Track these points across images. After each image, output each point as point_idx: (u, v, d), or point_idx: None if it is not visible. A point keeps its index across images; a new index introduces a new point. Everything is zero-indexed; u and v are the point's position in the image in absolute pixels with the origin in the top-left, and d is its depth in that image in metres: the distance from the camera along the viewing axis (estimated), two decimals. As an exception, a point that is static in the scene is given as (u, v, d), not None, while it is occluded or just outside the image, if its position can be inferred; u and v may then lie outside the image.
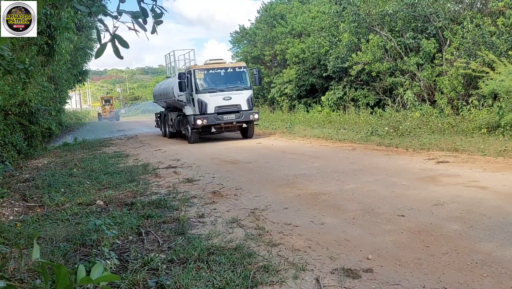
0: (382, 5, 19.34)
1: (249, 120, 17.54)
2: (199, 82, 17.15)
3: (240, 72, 17.95)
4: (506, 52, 14.32)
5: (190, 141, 17.68)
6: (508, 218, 5.19)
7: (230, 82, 17.60)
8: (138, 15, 2.13)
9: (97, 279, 1.18)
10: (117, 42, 2.12)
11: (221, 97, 17.10)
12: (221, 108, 17.07)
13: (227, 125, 17.42)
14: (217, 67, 17.70)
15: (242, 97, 17.39)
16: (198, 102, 16.94)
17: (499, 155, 9.41)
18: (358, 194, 6.88)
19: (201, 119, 16.83)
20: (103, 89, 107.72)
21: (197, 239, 4.97)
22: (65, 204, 7.13)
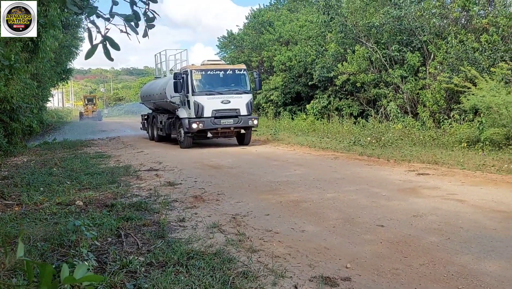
0: (369, 17, 19.57)
1: (247, 126, 16.68)
2: (196, 83, 16.19)
3: (240, 74, 17.03)
4: (488, 69, 14.58)
5: (183, 146, 16.72)
6: (484, 232, 5.27)
7: (229, 84, 16.71)
8: (130, 18, 2.13)
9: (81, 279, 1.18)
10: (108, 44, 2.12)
11: (219, 100, 16.16)
12: (219, 112, 16.11)
13: (224, 130, 16.45)
14: (216, 68, 16.74)
15: (242, 101, 16.49)
16: (194, 105, 15.96)
17: (478, 169, 9.56)
18: (339, 203, 6.93)
19: (196, 123, 15.81)
20: (87, 88, 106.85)
21: (177, 243, 4.96)
22: (43, 204, 7.04)
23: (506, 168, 9.31)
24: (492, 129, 11.88)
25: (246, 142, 17.21)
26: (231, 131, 16.69)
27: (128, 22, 2.13)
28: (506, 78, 13.76)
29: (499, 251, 4.63)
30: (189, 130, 15.99)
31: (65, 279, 1.18)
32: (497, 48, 15.08)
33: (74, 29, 25.93)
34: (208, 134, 16.29)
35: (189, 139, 16.51)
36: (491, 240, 4.98)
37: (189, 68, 16.52)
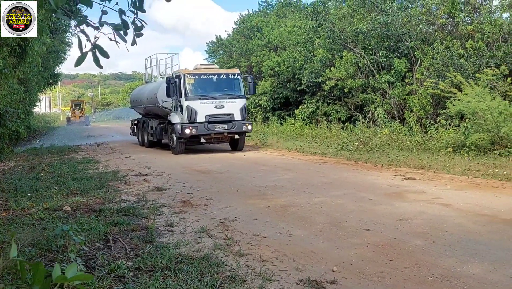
0: (357, 23, 19.77)
1: (241, 132, 16.28)
2: (189, 87, 15.83)
3: (234, 79, 16.70)
4: (473, 75, 14.79)
5: (175, 151, 16.25)
6: (468, 235, 5.36)
7: (222, 89, 16.35)
8: (119, 28, 2.18)
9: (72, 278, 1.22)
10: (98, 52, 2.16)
11: (213, 105, 15.80)
12: (212, 117, 15.75)
13: (217, 136, 16.07)
14: (209, 73, 16.41)
15: (235, 106, 16.15)
16: (187, 110, 15.59)
17: (463, 174, 9.69)
18: (326, 207, 7.00)
19: (189, 128, 15.43)
20: (74, 93, 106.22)
21: (165, 247, 4.98)
22: (31, 209, 7.01)
23: (491, 172, 9.45)
24: (477, 134, 12.05)
25: (239, 148, 16.84)
26: (225, 137, 16.35)
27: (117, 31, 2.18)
28: (491, 84, 13.99)
29: (482, 254, 4.71)
30: (181, 135, 15.63)
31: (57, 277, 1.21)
32: (482, 54, 15.33)
33: (62, 34, 25.85)
34: (201, 139, 15.95)
35: (181, 144, 16.12)
36: (474, 243, 5.07)
37: (181, 72, 16.21)
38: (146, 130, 20.31)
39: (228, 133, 16.11)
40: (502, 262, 4.48)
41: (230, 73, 16.83)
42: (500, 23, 15.43)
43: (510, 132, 11.38)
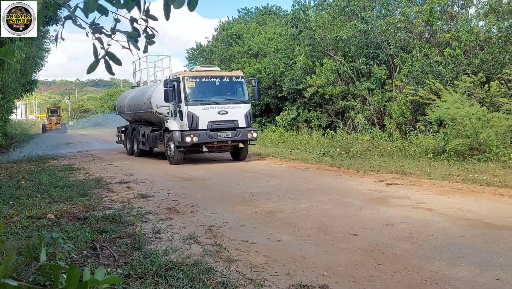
0: (337, 30, 20.00)
1: (246, 139, 15.01)
2: (189, 91, 14.43)
3: (237, 82, 15.35)
4: (451, 81, 15.08)
5: (173, 161, 14.89)
6: (453, 239, 5.46)
7: (225, 93, 15.05)
8: (134, 35, 2.21)
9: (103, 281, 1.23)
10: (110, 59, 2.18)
11: (216, 111, 14.46)
12: (215, 124, 14.39)
13: (220, 144, 14.70)
14: (211, 75, 14.99)
15: (240, 112, 14.86)
16: (188, 116, 14.20)
17: (444, 179, 9.86)
18: (312, 213, 7.04)
19: (190, 136, 14.01)
20: (51, 100, 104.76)
21: (154, 254, 4.95)
22: (14, 217, 6.90)
23: (471, 177, 9.63)
24: (456, 140, 12.27)
25: (242, 158, 15.52)
26: (228, 145, 15.01)
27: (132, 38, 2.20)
28: (469, 90, 14.29)
29: (468, 257, 4.80)
30: (181, 144, 14.29)
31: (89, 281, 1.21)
32: (459, 62, 15.65)
33: (40, 40, 25.53)
34: (203, 148, 14.57)
35: (180, 154, 14.75)
36: (460, 247, 5.16)
37: (181, 74, 14.79)
38: (136, 138, 18.77)
39: (232, 141, 14.80)
40: (488, 264, 4.57)
41: (234, 76, 15.46)
42: (477, 31, 15.79)
43: (488, 138, 11.63)
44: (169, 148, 15.10)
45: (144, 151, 17.97)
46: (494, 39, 15.40)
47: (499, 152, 11.43)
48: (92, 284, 1.24)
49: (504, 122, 12.18)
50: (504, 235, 5.62)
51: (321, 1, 23.92)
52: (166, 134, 15.36)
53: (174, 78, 14.85)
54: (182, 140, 14.16)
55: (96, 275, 1.27)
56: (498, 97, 13.71)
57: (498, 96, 13.72)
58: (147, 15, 2.28)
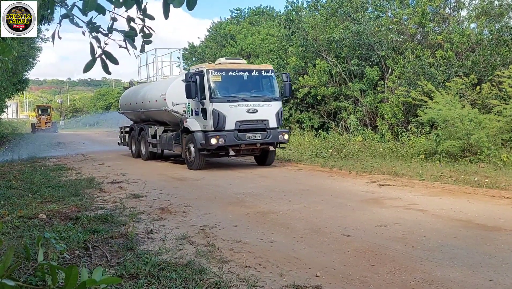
0: (329, 31, 20.05)
1: (277, 142, 13.38)
2: (215, 86, 12.74)
3: (268, 77, 13.70)
4: (443, 83, 15.17)
5: (193, 166, 13.20)
6: (446, 240, 5.49)
7: (254, 89, 13.48)
8: (131, 34, 2.20)
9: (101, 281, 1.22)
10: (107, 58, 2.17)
11: (245, 109, 12.81)
12: (244, 124, 12.78)
13: (248, 147, 13.05)
14: (239, 69, 13.32)
15: (271, 111, 13.22)
16: (213, 114, 12.52)
17: (436, 180, 9.91)
18: (305, 214, 7.05)
19: (216, 138, 12.38)
20: (42, 99, 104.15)
21: (147, 255, 4.93)
22: (5, 217, 6.85)
23: (463, 178, 9.69)
24: (448, 141, 12.35)
25: (269, 162, 13.86)
26: (257, 148, 13.34)
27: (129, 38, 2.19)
28: (461, 92, 14.37)
29: (460, 258, 4.83)
30: (205, 146, 12.63)
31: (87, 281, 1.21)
32: (451, 64, 15.74)
33: (31, 39, 25.40)
34: (230, 152, 12.92)
35: (202, 158, 13.10)
36: (452, 247, 5.19)
37: (204, 67, 13.13)
38: (144, 139, 16.92)
39: (261, 144, 13.15)
40: (480, 265, 4.60)
41: (263, 70, 13.73)
42: (469, 33, 15.89)
43: (479, 140, 11.70)
44: (189, 151, 13.43)
45: (154, 154, 16.46)
46: (486, 41, 15.52)
47: (491, 154, 11.51)
48: (91, 284, 1.23)
49: (495, 123, 12.28)
50: (496, 236, 5.66)
51: (314, 2, 24.00)
52: (184, 135, 13.73)
53: (197, 71, 13.14)
54: (206, 142, 12.51)
55: (94, 275, 1.26)
56: (489, 98, 13.81)
57: (490, 98, 13.82)
58: (144, 14, 2.28)
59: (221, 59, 14.08)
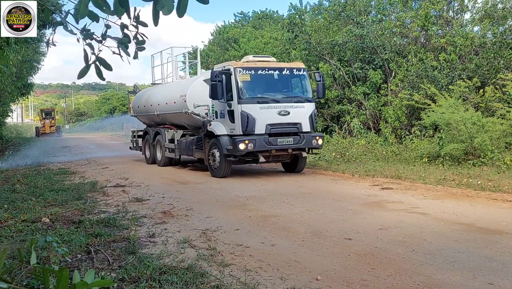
0: (333, 35, 20.07)
1: (310, 147, 12.42)
2: (243, 86, 11.68)
3: (299, 76, 12.65)
4: (446, 86, 15.15)
5: (218, 173, 12.16)
6: (447, 243, 5.49)
7: (285, 89, 12.49)
8: (124, 41, 2.23)
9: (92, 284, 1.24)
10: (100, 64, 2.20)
11: (276, 111, 11.75)
12: (275, 127, 11.74)
13: (279, 153, 12.01)
14: (268, 67, 12.21)
15: (304, 113, 12.15)
16: (242, 117, 11.46)
17: (439, 183, 9.89)
18: (307, 217, 7.06)
19: (245, 142, 11.32)
20: (47, 103, 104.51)
21: (148, 258, 4.95)
22: (8, 221, 6.89)
23: (466, 182, 9.67)
24: (451, 144, 12.32)
25: (299, 169, 12.85)
26: (288, 154, 12.29)
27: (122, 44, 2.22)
28: (464, 95, 14.36)
29: (461, 262, 4.82)
30: (232, 152, 11.60)
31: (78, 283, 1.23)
32: (455, 67, 15.72)
33: (36, 43, 25.53)
34: (260, 158, 11.76)
35: (228, 164, 12.05)
36: (453, 251, 5.19)
37: (231, 65, 12.06)
38: (160, 144, 15.84)
39: (293, 150, 12.11)
40: (481, 269, 4.60)
41: (295, 68, 12.64)
42: (472, 36, 15.87)
43: (483, 143, 11.68)
44: (213, 157, 12.34)
45: (171, 159, 15.45)
46: (489, 44, 15.49)
47: (494, 157, 11.48)
48: (82, 286, 1.25)
49: (498, 127, 12.24)
50: (498, 239, 5.65)
51: (317, 6, 24.04)
52: (206, 140, 12.69)
53: (223, 69, 12.05)
54: (234, 148, 11.43)
55: (86, 278, 1.28)
56: (492, 102, 13.78)
57: (493, 101, 13.79)
58: (137, 22, 2.31)
59: (249, 56, 13.03)
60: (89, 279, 1.27)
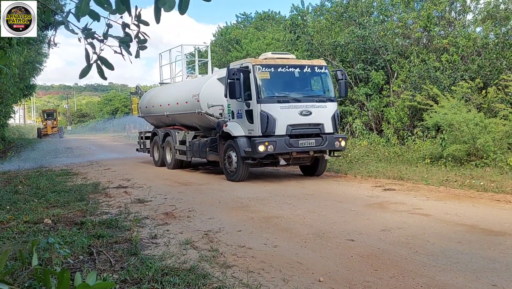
0: (335, 36, 20.04)
1: (332, 149, 11.68)
2: (263, 84, 11.05)
3: (321, 74, 12.07)
4: (449, 87, 15.12)
5: (235, 177, 11.51)
6: (450, 245, 5.47)
7: (307, 88, 11.95)
8: (126, 40, 2.23)
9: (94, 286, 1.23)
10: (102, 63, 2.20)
11: (297, 111, 11.12)
12: (296, 128, 11.10)
13: (299, 156, 11.39)
14: (289, 64, 11.60)
15: (326, 113, 11.55)
16: (262, 117, 10.84)
17: (441, 184, 9.87)
18: (309, 219, 7.05)
19: (265, 144, 10.67)
20: (49, 104, 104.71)
21: (150, 259, 4.95)
22: (10, 222, 6.90)
23: (468, 183, 9.64)
24: (454, 145, 12.28)
25: (319, 173, 12.17)
26: (309, 157, 11.63)
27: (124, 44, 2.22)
28: (466, 96, 14.32)
29: (464, 263, 4.81)
30: (250, 154, 10.95)
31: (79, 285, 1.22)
32: (457, 68, 15.69)
33: (38, 44, 25.59)
34: (281, 161, 11.16)
35: (246, 167, 11.40)
36: (456, 252, 5.17)
37: (250, 62, 11.34)
38: (170, 146, 15.17)
39: (314, 152, 11.45)
40: (484, 270, 4.58)
41: (316, 66, 12.02)
42: (474, 37, 15.83)
43: (485, 144, 11.64)
44: (229, 160, 11.70)
45: (182, 162, 14.90)
46: (491, 45, 15.45)
47: (496, 158, 11.45)
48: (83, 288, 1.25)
49: (501, 127, 12.21)
50: (501, 240, 5.63)
51: (319, 7, 23.98)
52: (222, 141, 12.07)
53: (241, 67, 11.39)
54: (253, 150, 10.77)
55: (88, 280, 1.27)
56: (495, 102, 13.74)
57: (496, 102, 13.76)
58: (138, 20, 2.31)
59: (267, 53, 12.28)
60: (91, 281, 1.26)
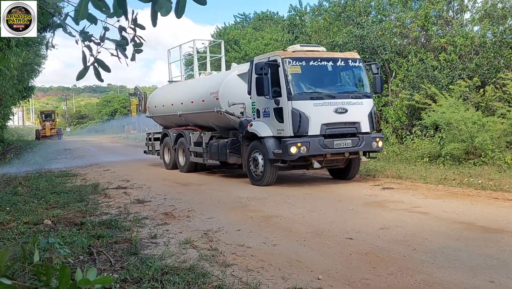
0: (333, 36, 20.08)
1: (369, 150, 10.66)
2: (293, 80, 10.03)
3: (355, 67, 10.96)
4: (447, 86, 15.15)
5: (261, 181, 10.49)
6: (448, 242, 5.50)
7: (341, 83, 11.00)
8: (122, 43, 2.27)
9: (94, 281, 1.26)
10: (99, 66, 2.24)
11: (332, 109, 10.08)
12: (331, 127, 10.09)
13: (334, 157, 10.33)
14: (321, 57, 10.51)
15: (363, 110, 10.53)
16: (294, 115, 9.82)
17: (440, 183, 9.90)
18: (308, 217, 7.08)
19: (297, 145, 9.64)
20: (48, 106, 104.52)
21: (150, 259, 4.97)
22: (10, 223, 6.92)
23: (466, 181, 9.68)
24: (452, 144, 12.33)
25: (351, 176, 11.15)
26: (344, 159, 10.58)
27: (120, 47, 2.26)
28: (464, 95, 14.36)
29: (462, 261, 4.84)
30: (280, 156, 9.95)
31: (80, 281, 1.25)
32: (455, 67, 15.72)
33: (37, 46, 25.61)
34: (315, 163, 10.16)
35: (274, 170, 10.39)
36: (454, 250, 5.20)
37: (279, 55, 10.26)
38: (183, 148, 14.19)
39: (350, 154, 10.42)
40: (482, 267, 4.61)
41: (350, 59, 10.93)
42: (472, 36, 15.87)
43: (483, 142, 11.68)
44: (254, 163, 10.69)
45: (196, 164, 13.80)
46: (489, 43, 15.49)
47: (494, 156, 11.50)
48: (84, 284, 1.27)
49: (499, 126, 12.25)
50: (498, 238, 5.66)
51: (317, 7, 24.04)
52: (245, 143, 11.10)
53: (268, 61, 10.32)
54: (284, 151, 9.74)
55: (88, 275, 1.30)
56: (493, 101, 13.79)
57: (493, 100, 13.80)
58: (135, 24, 2.35)
59: (296, 46, 11.20)
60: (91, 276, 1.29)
